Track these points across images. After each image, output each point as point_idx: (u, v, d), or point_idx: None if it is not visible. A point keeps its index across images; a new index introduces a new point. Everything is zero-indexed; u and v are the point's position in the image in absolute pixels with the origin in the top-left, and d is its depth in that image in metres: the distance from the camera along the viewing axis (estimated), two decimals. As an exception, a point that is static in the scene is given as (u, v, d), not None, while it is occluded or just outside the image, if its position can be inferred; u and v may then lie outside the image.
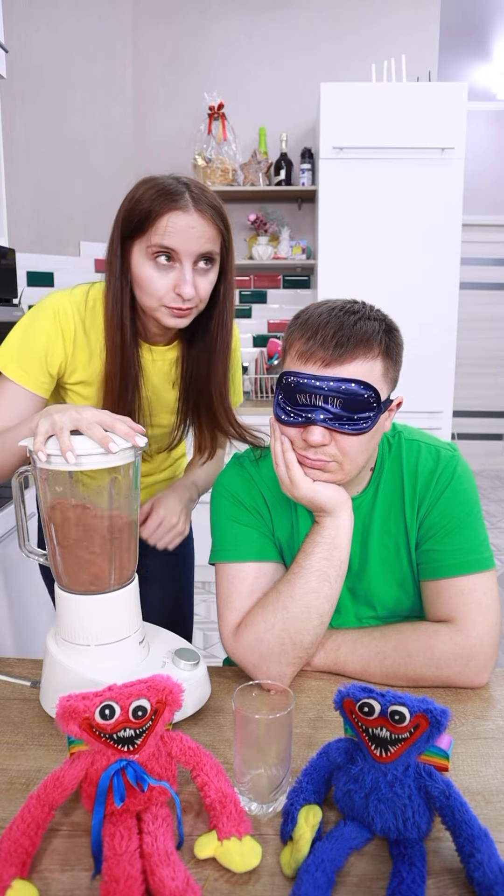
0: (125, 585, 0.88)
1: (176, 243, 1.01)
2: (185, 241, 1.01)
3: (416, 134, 3.02)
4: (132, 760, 0.68)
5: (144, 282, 1.04)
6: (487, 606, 0.94)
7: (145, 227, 1.01)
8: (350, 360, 0.87)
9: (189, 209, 1.00)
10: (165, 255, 1.02)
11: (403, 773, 0.67)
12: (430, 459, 1.00)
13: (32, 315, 1.11)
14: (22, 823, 0.65)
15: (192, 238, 1.01)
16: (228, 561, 1.02)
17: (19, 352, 1.09)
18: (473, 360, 5.47)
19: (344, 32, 3.52)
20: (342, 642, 0.98)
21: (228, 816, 0.67)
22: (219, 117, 3.38)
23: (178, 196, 1.00)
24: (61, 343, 1.10)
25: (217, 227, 1.04)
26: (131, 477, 0.87)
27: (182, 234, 1.00)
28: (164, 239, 1.00)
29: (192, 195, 1.01)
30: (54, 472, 0.82)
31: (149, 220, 1.00)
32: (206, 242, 1.03)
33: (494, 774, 0.78)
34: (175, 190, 1.01)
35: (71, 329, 1.10)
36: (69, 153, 3.09)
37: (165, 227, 1.00)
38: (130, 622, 0.89)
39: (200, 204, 1.01)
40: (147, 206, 1.00)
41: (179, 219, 1.00)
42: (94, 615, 0.86)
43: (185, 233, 1.00)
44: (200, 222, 1.01)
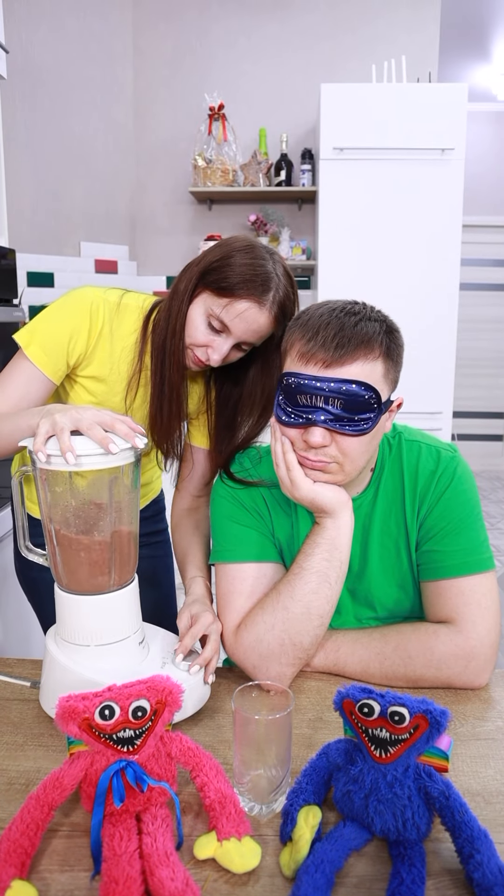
0: (125, 586, 0.88)
1: (234, 326, 1.04)
2: (242, 329, 1.05)
3: (417, 135, 3.02)
4: (132, 761, 0.68)
5: (190, 326, 1.08)
6: (487, 607, 0.94)
7: (222, 295, 1.03)
8: (351, 361, 0.88)
9: (265, 308, 1.03)
10: (219, 323, 1.05)
11: (403, 773, 0.67)
12: (431, 460, 1.00)
13: (67, 301, 1.11)
14: (21, 824, 0.65)
15: (251, 329, 1.05)
16: (228, 561, 1.02)
17: (44, 334, 1.09)
18: (473, 361, 5.47)
19: (344, 33, 3.52)
20: (342, 643, 0.98)
21: (228, 817, 0.67)
22: (219, 118, 3.38)
23: (265, 293, 1.03)
24: (86, 336, 1.11)
25: (275, 329, 1.08)
26: (132, 477, 0.87)
27: (244, 323, 1.04)
28: (226, 316, 1.04)
29: (276, 296, 1.04)
30: (54, 472, 0.82)
31: (229, 291, 1.03)
32: (254, 337, 1.07)
33: (494, 775, 0.78)
34: (266, 282, 1.03)
35: (98, 326, 1.11)
36: (69, 153, 3.09)
37: (236, 308, 1.03)
38: (130, 622, 0.89)
39: (275, 306, 1.05)
40: (236, 281, 1.02)
41: (251, 311, 1.03)
42: (94, 615, 0.86)
43: (248, 324, 1.04)
44: (267, 322, 1.05)
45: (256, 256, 1.05)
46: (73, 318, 1.09)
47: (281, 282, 1.05)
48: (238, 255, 1.04)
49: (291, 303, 1.08)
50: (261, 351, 1.13)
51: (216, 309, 1.04)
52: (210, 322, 1.06)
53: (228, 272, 1.03)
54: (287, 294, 1.06)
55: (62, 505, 0.85)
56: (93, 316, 1.10)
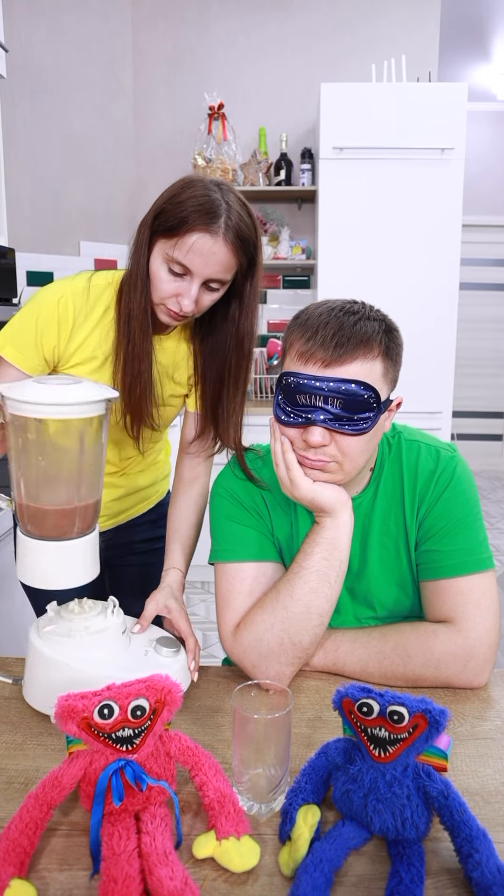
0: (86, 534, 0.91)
1: (192, 264, 1.01)
2: (201, 265, 1.02)
3: (416, 134, 3.02)
4: (131, 760, 0.68)
5: (155, 279, 1.06)
6: (486, 607, 0.94)
7: (173, 235, 1.01)
8: (350, 360, 0.88)
9: (217, 235, 1.00)
10: (180, 267, 1.03)
11: (402, 773, 0.67)
12: (430, 460, 1.00)
13: (34, 300, 1.13)
14: (20, 823, 0.65)
15: (209, 263, 1.02)
16: (228, 561, 1.02)
17: (16, 334, 1.12)
18: (473, 361, 5.47)
19: (344, 32, 3.52)
20: (341, 642, 0.98)
21: (227, 816, 0.67)
22: (219, 117, 3.38)
23: (214, 220, 1.00)
24: (56, 329, 1.12)
25: (237, 258, 1.04)
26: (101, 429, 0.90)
27: (201, 257, 1.01)
28: (182, 256, 1.01)
29: (227, 221, 1.01)
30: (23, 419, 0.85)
31: (179, 230, 1.00)
32: (221, 270, 1.04)
33: (493, 775, 0.78)
34: (214, 211, 1.00)
35: (70, 316, 1.12)
36: (69, 153, 3.09)
37: (189, 243, 1.00)
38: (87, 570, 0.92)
39: (229, 232, 1.01)
40: (183, 216, 1.00)
41: (203, 241, 1.00)
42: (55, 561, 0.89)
43: (205, 257, 1.01)
44: (223, 250, 1.01)
45: (201, 187, 1.02)
46: (40, 314, 1.11)
47: (232, 208, 1.01)
48: (182, 191, 1.02)
49: (250, 229, 1.04)
50: (235, 291, 1.11)
51: (171, 251, 1.02)
52: (170, 268, 1.03)
53: (174, 210, 1.01)
54: (241, 219, 1.02)
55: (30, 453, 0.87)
56: (60, 309, 1.11)
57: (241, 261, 1.05)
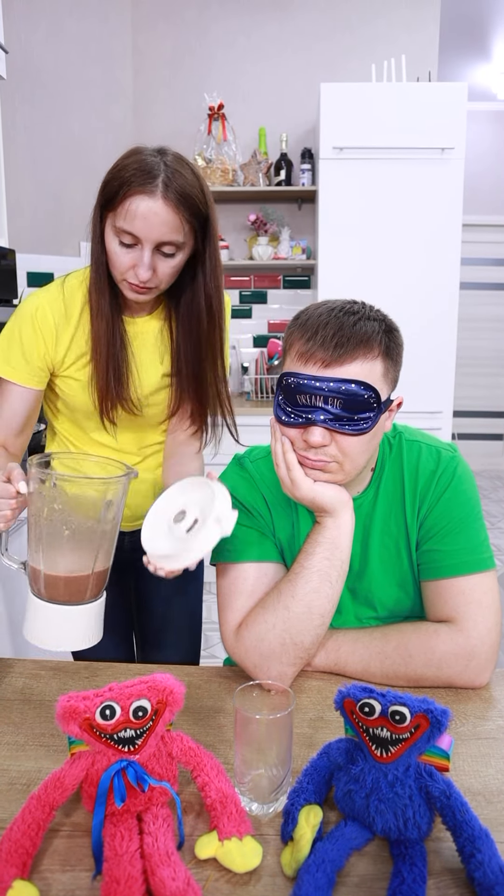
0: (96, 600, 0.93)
1: (136, 228, 1.00)
2: (145, 228, 0.99)
3: (416, 134, 3.01)
4: (133, 761, 0.68)
5: (110, 255, 1.05)
6: (488, 606, 0.94)
7: (115, 204, 1.00)
8: (350, 360, 0.88)
9: (156, 195, 0.98)
10: (128, 236, 1.01)
11: (404, 773, 0.67)
12: (431, 460, 1.00)
13: (12, 319, 1.15)
14: (22, 824, 0.65)
15: (153, 225, 0.99)
16: (229, 561, 1.02)
17: (4, 353, 1.14)
18: (473, 360, 5.47)
19: (343, 32, 3.52)
20: (343, 642, 0.98)
21: (229, 817, 0.67)
22: (219, 117, 3.38)
23: (150, 179, 0.98)
24: (41, 341, 1.13)
25: (182, 217, 1.01)
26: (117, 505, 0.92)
27: (143, 220, 0.99)
28: (126, 223, 1.00)
29: (166, 180, 0.99)
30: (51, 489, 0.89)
31: (118, 196, 0.99)
32: (168, 231, 1.01)
33: (495, 775, 0.78)
34: (149, 171, 0.99)
35: (51, 326, 1.13)
36: (69, 153, 3.09)
37: (129, 208, 0.99)
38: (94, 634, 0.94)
39: (169, 191, 0.99)
40: (119, 182, 0.99)
41: (143, 203, 0.98)
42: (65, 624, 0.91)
43: (147, 219, 0.99)
44: (164, 210, 0.99)
45: (139, 152, 1.02)
46: (22, 330, 1.13)
47: (169, 168, 1.00)
48: (123, 160, 1.02)
49: (193, 186, 1.02)
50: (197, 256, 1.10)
51: (116, 222, 1.01)
52: (120, 240, 1.02)
53: (114, 179, 1.01)
54: (180, 177, 1.00)
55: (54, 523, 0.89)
56: (39, 320, 1.12)
57: (187, 219, 1.02)
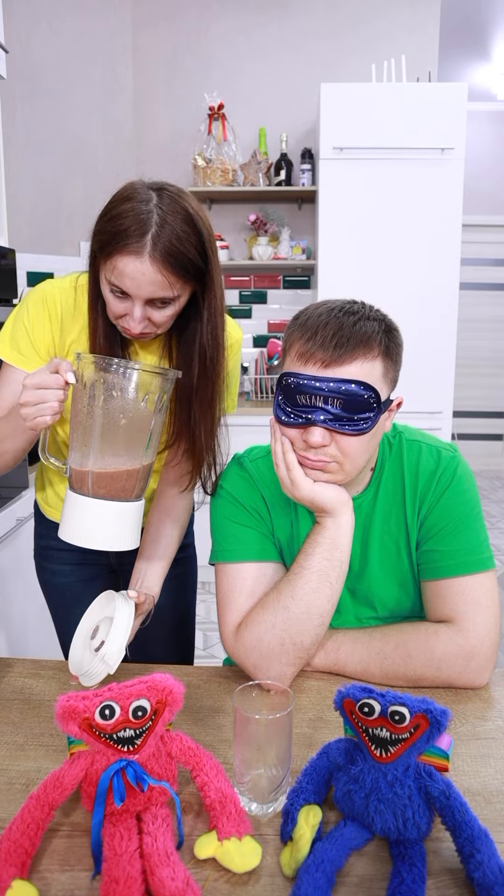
0: (141, 497, 0.97)
1: (126, 285, 0.95)
2: (134, 287, 0.95)
3: (416, 134, 3.02)
4: (132, 760, 0.68)
5: (105, 300, 1.02)
6: (487, 607, 0.94)
7: (105, 257, 0.96)
8: (350, 360, 0.88)
9: (142, 255, 0.92)
10: (118, 290, 0.97)
11: (403, 773, 0.67)
12: (431, 460, 1.00)
13: (25, 300, 1.14)
14: (22, 824, 0.65)
15: (141, 284, 0.94)
16: (229, 561, 1.02)
17: (12, 335, 1.13)
18: (473, 361, 5.47)
19: (343, 32, 3.52)
20: (342, 642, 0.98)
21: (228, 817, 0.67)
22: (219, 117, 3.38)
23: (139, 238, 0.92)
24: (48, 326, 1.12)
25: (174, 275, 0.95)
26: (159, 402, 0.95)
27: (130, 279, 0.94)
28: (114, 279, 0.95)
29: (156, 238, 0.92)
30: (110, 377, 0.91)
31: (107, 252, 0.95)
32: (158, 289, 0.95)
33: (494, 775, 0.78)
34: (140, 228, 0.92)
35: (58, 312, 1.11)
36: (69, 153, 3.09)
37: (115, 267, 0.94)
38: (137, 534, 0.97)
39: (156, 251, 0.92)
40: (109, 235, 0.94)
41: (129, 264, 0.93)
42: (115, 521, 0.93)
43: (135, 278, 0.93)
44: (151, 270, 0.93)
45: (133, 199, 0.94)
46: (29, 313, 1.11)
47: (166, 220, 0.92)
48: (115, 206, 0.95)
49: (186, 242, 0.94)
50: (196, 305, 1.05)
51: (108, 275, 0.97)
52: (112, 291, 0.98)
53: (105, 228, 0.95)
54: (174, 233, 0.93)
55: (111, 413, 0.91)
56: (48, 306, 1.11)
57: (179, 277, 0.96)
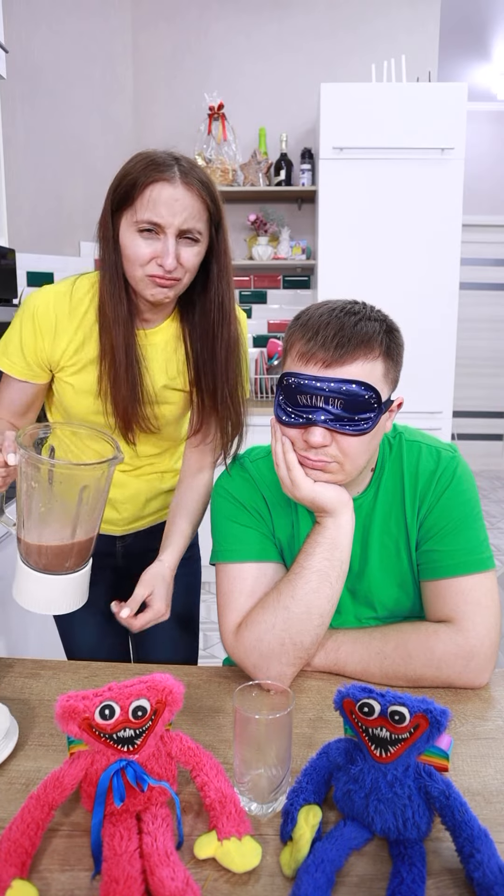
0: (79, 570, 0.97)
1: (159, 216, 1.00)
2: (169, 214, 1.00)
3: (416, 134, 3.02)
4: (132, 760, 0.68)
5: (129, 251, 1.04)
6: (487, 607, 0.94)
7: (132, 198, 1.01)
8: (351, 360, 0.88)
9: (175, 181, 1.00)
10: (149, 228, 1.01)
11: (403, 773, 0.67)
12: (431, 460, 1.00)
13: (19, 310, 1.15)
14: (22, 823, 0.65)
15: (177, 211, 1.00)
16: (229, 561, 1.02)
17: (6, 344, 1.16)
18: (473, 361, 5.47)
19: (343, 32, 3.52)
20: (342, 642, 0.98)
21: (228, 816, 0.67)
22: (219, 117, 3.38)
23: (166, 168, 1.00)
24: (40, 339, 1.13)
25: (204, 202, 1.03)
26: (105, 483, 0.94)
27: (166, 206, 1.00)
28: (148, 212, 1.00)
29: (181, 168, 1.01)
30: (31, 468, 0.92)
31: (135, 190, 1.01)
32: (191, 218, 1.02)
33: (494, 775, 0.78)
34: (164, 161, 1.01)
35: (51, 324, 1.12)
36: (69, 153, 3.09)
37: (149, 197, 1.00)
38: (76, 600, 0.98)
39: (188, 177, 1.01)
40: (135, 177, 1.01)
41: (165, 190, 1.00)
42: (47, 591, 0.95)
43: (170, 205, 1.00)
44: (186, 195, 1.00)
45: (146, 152, 1.04)
46: (23, 324, 1.13)
47: (181, 159, 1.03)
48: (132, 160, 1.04)
49: (206, 175, 1.04)
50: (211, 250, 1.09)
51: (136, 216, 1.01)
52: (141, 232, 1.02)
53: (126, 178, 1.02)
54: (195, 167, 1.03)
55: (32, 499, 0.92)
56: (39, 317, 1.11)
57: (207, 205, 1.04)
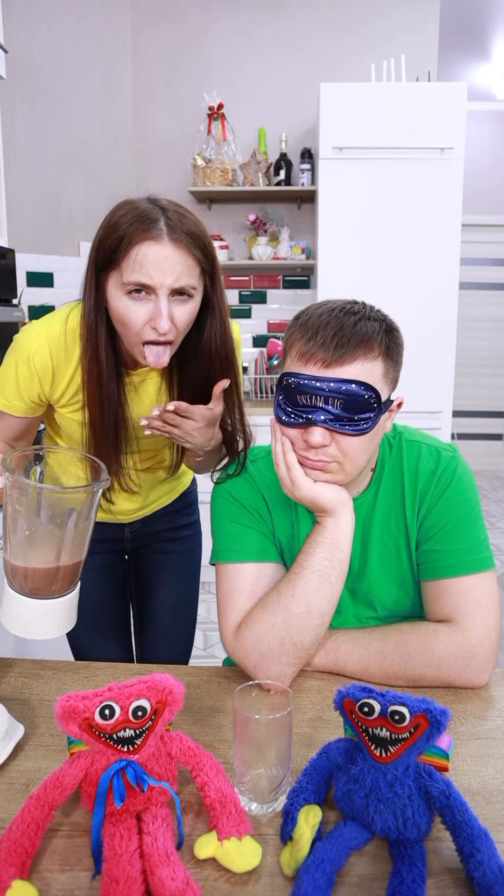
0: (66, 594, 0.91)
1: (148, 278, 0.95)
2: (159, 275, 0.95)
3: (416, 134, 3.02)
4: (132, 760, 0.68)
5: (121, 316, 1.00)
6: (487, 606, 0.94)
7: (118, 258, 0.96)
8: (350, 360, 0.88)
9: (162, 238, 0.95)
10: (139, 288, 0.97)
11: (403, 773, 0.67)
12: (431, 460, 1.00)
13: (12, 352, 1.12)
14: (22, 824, 0.65)
15: (166, 270, 0.95)
16: (229, 561, 1.02)
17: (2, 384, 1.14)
18: (473, 361, 5.47)
19: (343, 32, 3.52)
20: (342, 642, 0.98)
21: (228, 816, 0.67)
22: (218, 117, 3.38)
23: (152, 224, 0.94)
24: (38, 383, 1.12)
25: (194, 258, 0.97)
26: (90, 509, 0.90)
27: (155, 266, 0.94)
28: (135, 274, 0.95)
29: (168, 222, 0.95)
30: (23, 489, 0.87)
31: (121, 250, 0.95)
32: (181, 276, 0.96)
33: (494, 774, 0.78)
34: (149, 216, 0.95)
35: (49, 370, 1.11)
36: (69, 153, 3.09)
37: (135, 258, 0.95)
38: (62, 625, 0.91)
39: (175, 232, 0.95)
40: (120, 234, 0.95)
41: (151, 249, 0.94)
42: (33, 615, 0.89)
43: (159, 265, 0.94)
44: (174, 252, 0.95)
45: (130, 203, 0.98)
46: (18, 370, 1.11)
47: (168, 210, 0.97)
48: (115, 212, 0.98)
49: (195, 225, 0.98)
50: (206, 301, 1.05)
51: (122, 277, 0.96)
52: (131, 295, 0.97)
53: (110, 234, 0.96)
54: (181, 217, 0.97)
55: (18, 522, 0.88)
56: (37, 364, 1.09)
57: (198, 258, 0.98)
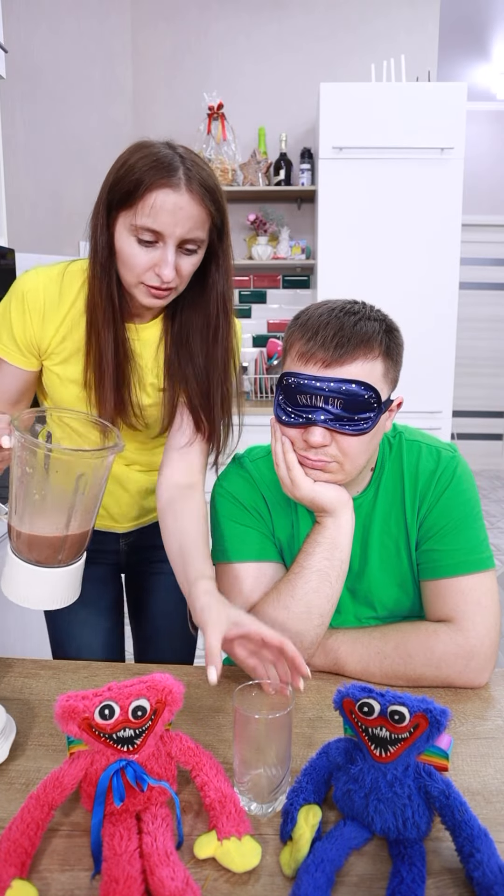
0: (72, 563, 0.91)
1: (161, 225, 0.94)
2: (171, 224, 0.94)
3: (416, 134, 3.02)
4: (132, 760, 0.68)
5: (125, 257, 0.99)
6: (487, 606, 0.94)
7: (132, 201, 0.94)
8: (350, 360, 0.88)
9: (180, 188, 0.93)
10: (149, 233, 0.96)
11: (403, 772, 0.67)
12: (431, 460, 1.00)
13: (8, 293, 1.10)
14: (21, 823, 0.65)
15: (179, 220, 0.94)
16: (229, 561, 1.02)
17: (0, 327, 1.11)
18: (473, 361, 5.47)
19: (343, 32, 3.52)
20: (342, 642, 0.98)
21: (228, 816, 0.67)
22: (218, 117, 3.38)
23: (171, 172, 0.93)
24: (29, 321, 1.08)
25: (207, 211, 0.97)
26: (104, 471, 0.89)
27: (169, 214, 0.94)
28: (148, 219, 0.94)
29: (186, 172, 0.94)
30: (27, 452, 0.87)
31: (136, 194, 0.94)
32: (193, 227, 0.96)
33: (494, 774, 0.78)
34: (169, 163, 0.94)
35: (40, 308, 1.08)
36: (69, 153, 3.09)
37: (152, 204, 0.93)
38: (67, 595, 0.93)
39: (193, 183, 0.94)
40: (137, 177, 0.93)
41: (169, 197, 0.93)
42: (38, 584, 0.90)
43: (173, 213, 0.94)
44: (190, 203, 0.94)
45: (149, 147, 0.96)
46: (11, 305, 1.08)
47: (187, 159, 0.95)
48: (132, 155, 0.96)
49: (211, 177, 0.97)
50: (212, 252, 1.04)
51: (134, 219, 0.94)
52: (139, 238, 0.96)
53: (127, 175, 0.95)
54: (201, 168, 0.96)
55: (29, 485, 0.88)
56: (29, 299, 1.07)
57: (211, 213, 0.97)
